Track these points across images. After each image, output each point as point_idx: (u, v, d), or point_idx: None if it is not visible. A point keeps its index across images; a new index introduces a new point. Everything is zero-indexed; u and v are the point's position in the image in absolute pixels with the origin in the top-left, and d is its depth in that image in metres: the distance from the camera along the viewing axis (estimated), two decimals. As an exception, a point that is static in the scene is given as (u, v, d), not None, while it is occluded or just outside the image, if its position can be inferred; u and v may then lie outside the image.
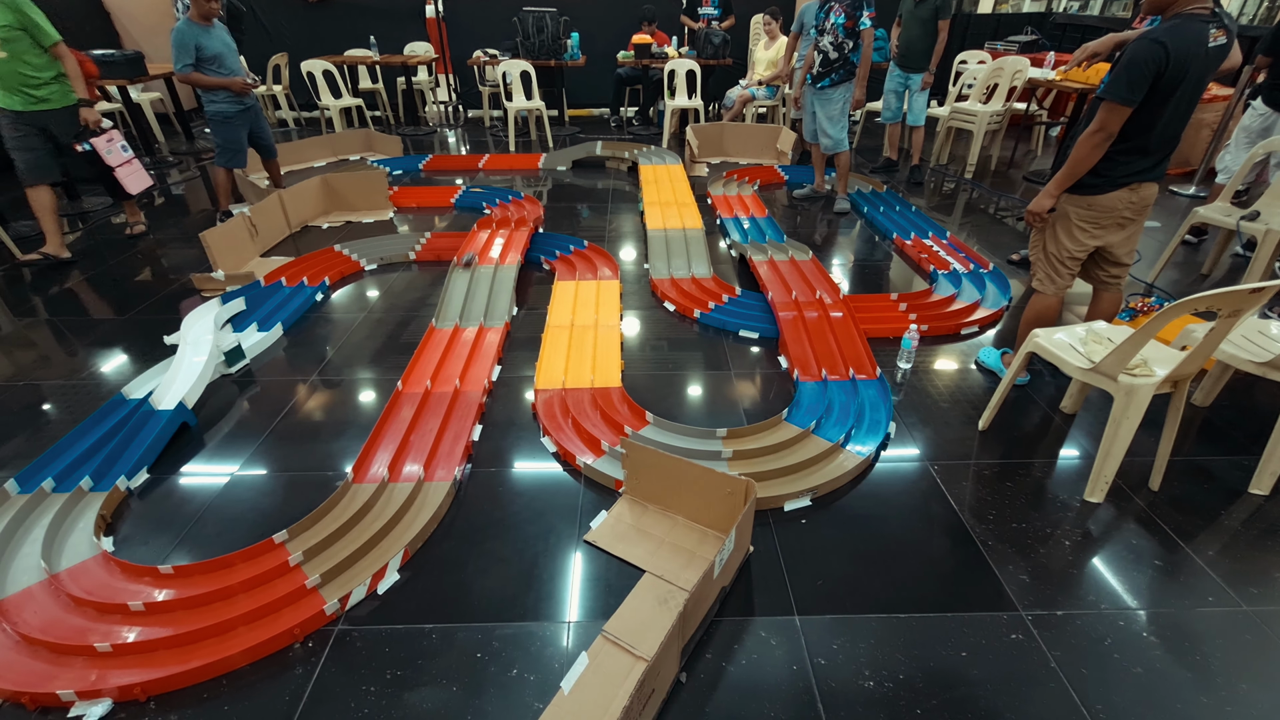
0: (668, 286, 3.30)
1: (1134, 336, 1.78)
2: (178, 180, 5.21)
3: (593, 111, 7.93)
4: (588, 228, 4.24)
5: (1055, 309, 2.37)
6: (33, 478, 1.95)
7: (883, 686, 1.45)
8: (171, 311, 3.08)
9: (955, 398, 2.49)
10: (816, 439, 2.16)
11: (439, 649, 1.53)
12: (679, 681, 1.45)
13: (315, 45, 6.97)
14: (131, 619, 1.54)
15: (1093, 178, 2.09)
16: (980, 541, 1.84)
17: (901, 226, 4.09)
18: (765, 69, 6.24)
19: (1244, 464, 2.12)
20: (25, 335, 2.91)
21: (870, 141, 6.54)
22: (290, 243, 4.01)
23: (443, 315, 2.97)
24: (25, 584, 1.63)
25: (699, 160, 5.63)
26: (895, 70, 5.09)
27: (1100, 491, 1.97)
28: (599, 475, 2.04)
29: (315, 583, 1.61)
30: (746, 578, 1.72)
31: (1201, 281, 3.53)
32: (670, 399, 2.49)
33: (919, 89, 4.97)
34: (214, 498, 1.98)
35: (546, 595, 1.67)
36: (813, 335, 2.76)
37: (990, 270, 3.44)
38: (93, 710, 1.38)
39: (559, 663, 1.49)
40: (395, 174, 5.39)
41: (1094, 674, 1.48)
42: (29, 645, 1.48)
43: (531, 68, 6.20)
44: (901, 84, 5.09)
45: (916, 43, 4.88)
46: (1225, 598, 1.67)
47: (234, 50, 3.87)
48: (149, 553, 1.79)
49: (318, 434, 2.27)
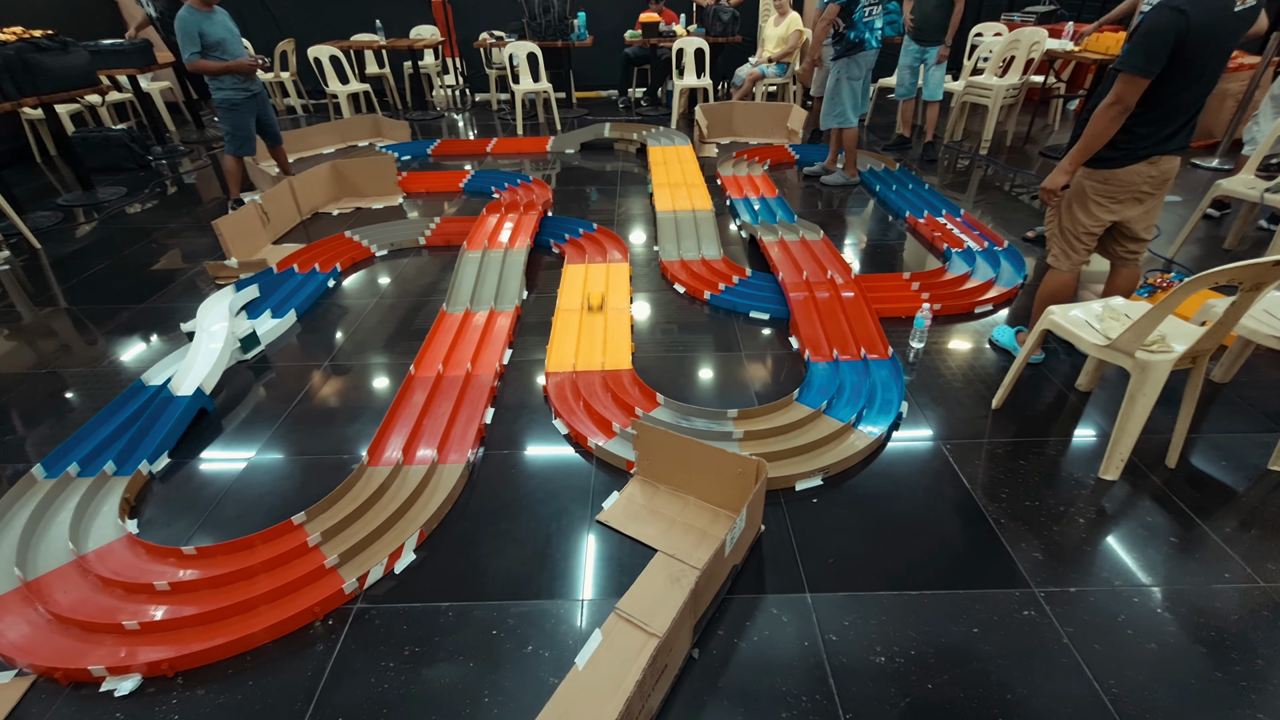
0: (678, 268, 3.28)
1: (1152, 311, 1.75)
2: (189, 169, 5.24)
3: (600, 93, 7.85)
4: (597, 210, 4.22)
5: (1071, 285, 2.34)
6: (58, 463, 2.00)
7: (894, 662, 1.46)
8: (187, 299, 3.12)
9: (968, 377, 2.47)
10: (828, 419, 2.15)
11: (455, 626, 1.56)
12: (691, 658, 1.47)
13: (322, 31, 6.95)
14: (157, 598, 1.58)
15: (1110, 150, 2.04)
16: (993, 520, 1.83)
17: (914, 205, 4.04)
18: (775, 46, 6.13)
19: (1264, 440, 2.09)
20: (46, 324, 2.96)
21: (881, 119, 6.42)
22: (301, 229, 4.04)
23: (454, 300, 2.98)
24: (55, 565, 1.68)
25: (708, 141, 5.57)
26: (910, 44, 4.95)
27: (1116, 469, 1.95)
28: (610, 456, 2.05)
29: (334, 563, 1.65)
30: (758, 556, 1.74)
31: (1223, 256, 3.45)
32: (681, 381, 2.49)
33: (935, 63, 4.85)
34: (233, 481, 2.02)
35: (560, 574, 1.69)
36: (824, 315, 2.74)
37: (1005, 248, 3.39)
38: (123, 685, 1.42)
39: (573, 639, 1.52)
40: (404, 159, 5.38)
41: (1107, 650, 1.48)
42: (60, 624, 1.53)
43: (538, 49, 6.14)
44: (917, 58, 4.96)
45: (932, 15, 4.76)
46: (1242, 574, 1.66)
47: (237, 35, 3.86)
48: (172, 534, 1.84)
49: (333, 418, 2.30)
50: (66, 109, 5.48)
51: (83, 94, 4.37)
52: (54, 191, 4.71)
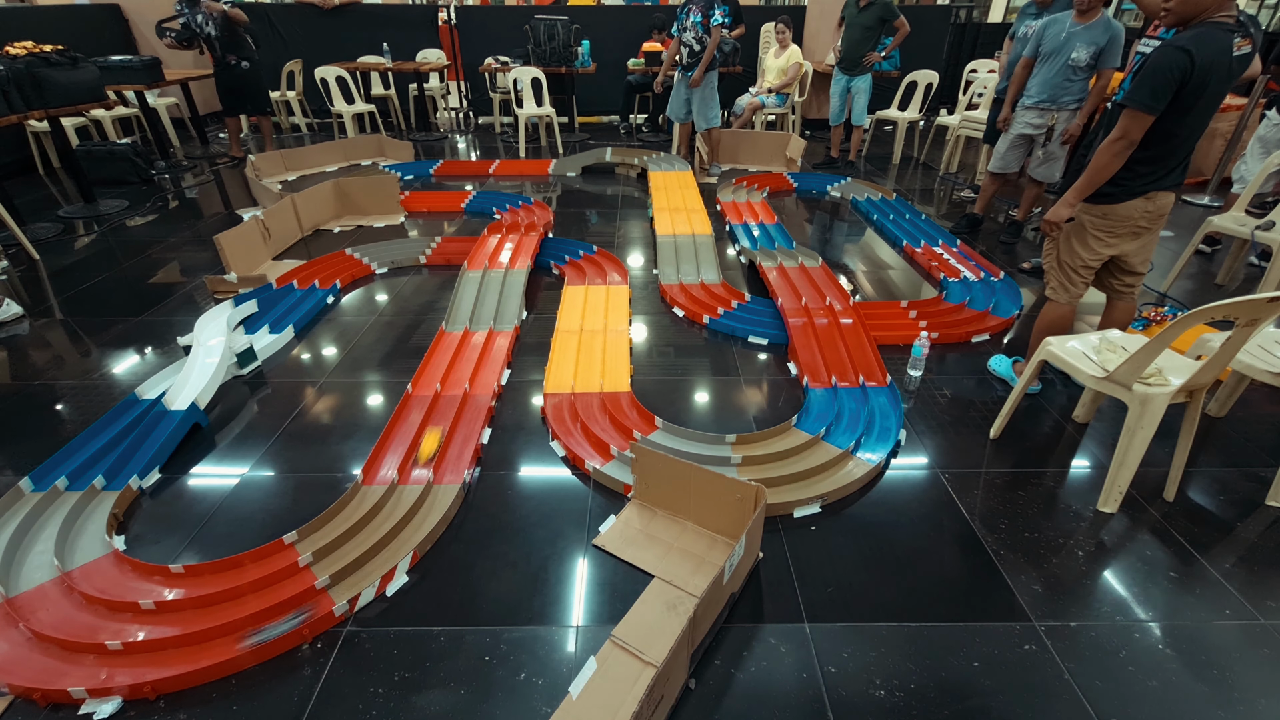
0: (677, 292, 3.30)
1: (1149, 344, 1.76)
2: (191, 184, 5.27)
3: (603, 118, 7.97)
4: (597, 233, 4.26)
5: (1068, 318, 2.36)
6: (46, 476, 1.97)
7: (894, 696, 1.44)
8: (185, 313, 3.11)
9: (966, 406, 2.47)
10: (826, 445, 2.15)
11: (447, 652, 1.52)
12: (688, 688, 1.44)
13: (329, 52, 7.05)
14: (142, 618, 1.55)
15: (1110, 186, 2.07)
16: (992, 550, 1.82)
17: (911, 234, 4.08)
18: (775, 77, 6.25)
19: (1261, 475, 2.09)
20: (40, 335, 2.94)
21: (878, 149, 6.53)
22: (302, 246, 4.04)
23: (453, 319, 2.98)
24: (38, 581, 1.64)
25: (708, 167, 5.65)
26: (838, 74, 5.44)
27: (1114, 502, 1.95)
28: (608, 480, 2.04)
29: (324, 584, 1.61)
30: (756, 584, 1.71)
31: (1215, 291, 3.50)
32: (679, 404, 2.49)
33: (860, 90, 5.40)
34: (225, 498, 1.99)
35: (555, 599, 1.66)
36: (822, 342, 2.75)
37: (1001, 279, 3.43)
38: (103, 708, 1.38)
39: (567, 667, 1.49)
40: (406, 179, 5.43)
41: (1108, 687, 1.46)
42: (41, 642, 1.49)
43: (542, 75, 6.24)
44: (845, 88, 5.46)
45: (856, 49, 5.20)
46: (1243, 611, 1.64)
47: None
48: (160, 552, 1.80)
49: (328, 436, 2.28)
50: (72, 122, 5.52)
51: (88, 108, 4.41)
52: (55, 203, 4.71)
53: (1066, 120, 3.58)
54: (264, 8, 7.00)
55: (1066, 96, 3.51)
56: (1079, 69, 3.40)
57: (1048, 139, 3.70)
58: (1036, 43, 3.53)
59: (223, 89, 5.49)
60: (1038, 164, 3.83)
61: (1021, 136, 3.77)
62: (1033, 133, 3.71)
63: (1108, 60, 3.35)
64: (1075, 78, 3.44)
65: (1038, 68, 3.56)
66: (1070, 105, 3.53)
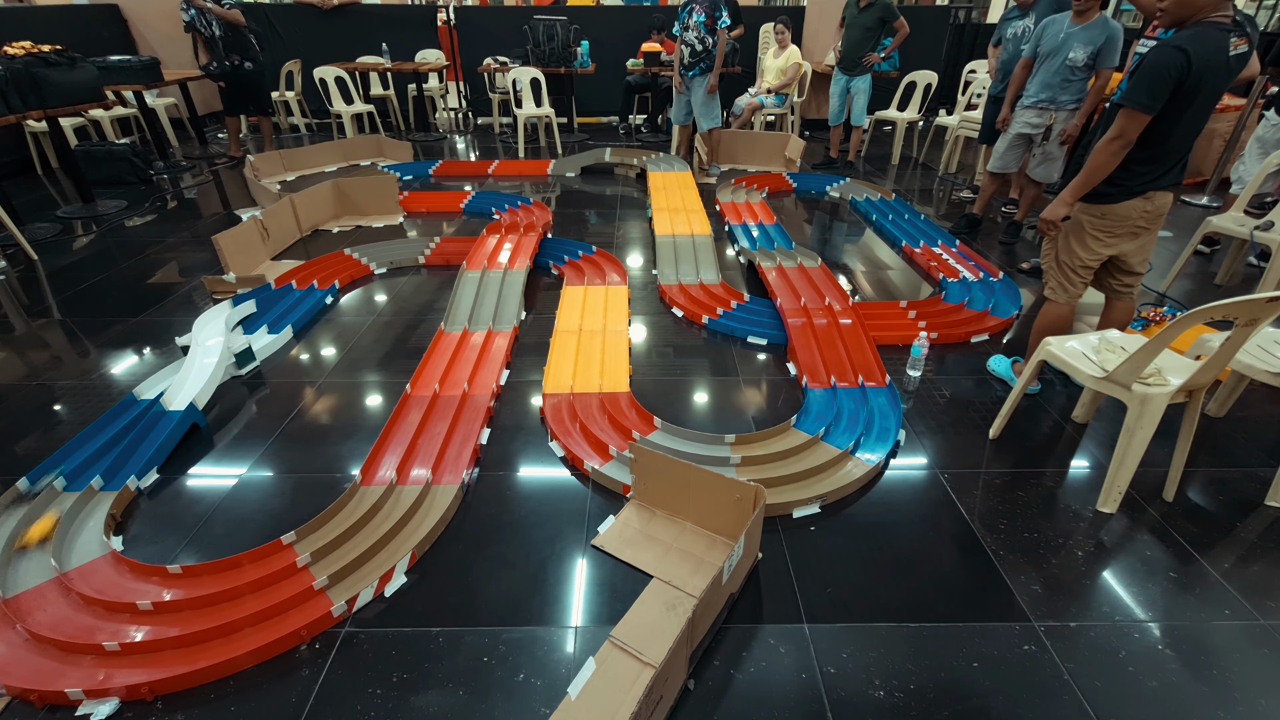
0: (676, 292, 3.29)
1: (1149, 344, 1.76)
2: (190, 184, 5.26)
3: (602, 119, 7.97)
4: (596, 233, 4.25)
5: (1067, 318, 2.36)
6: (44, 476, 1.96)
7: (893, 696, 1.43)
8: (184, 313, 3.10)
9: (965, 406, 2.47)
10: (826, 445, 2.14)
11: (445, 652, 1.52)
12: (687, 689, 1.44)
13: (328, 52, 7.04)
14: (140, 618, 1.54)
15: (1108, 186, 2.08)
16: (991, 551, 1.82)
17: (910, 234, 4.08)
18: (774, 77, 6.25)
19: (1260, 475, 2.09)
20: (39, 335, 2.93)
21: (877, 149, 6.54)
22: (301, 246, 4.04)
23: (451, 319, 2.97)
24: (35, 582, 1.64)
25: (708, 168, 5.65)
26: (838, 75, 5.44)
27: (1113, 502, 1.94)
28: (607, 480, 2.03)
29: (323, 584, 1.61)
30: (755, 585, 1.71)
31: (1214, 291, 3.50)
32: (678, 404, 2.48)
33: (860, 91, 5.42)
34: (223, 498, 1.99)
35: (554, 600, 1.66)
36: (821, 342, 2.75)
37: (1000, 279, 3.43)
38: (100, 709, 1.38)
39: (566, 668, 1.48)
40: (405, 179, 5.42)
41: (1108, 687, 1.46)
42: (38, 643, 1.48)
43: (541, 75, 6.24)
44: (845, 88, 5.46)
45: (856, 50, 5.20)
46: (1242, 611, 1.64)
47: None
48: (158, 552, 1.80)
49: (326, 436, 2.28)
50: (70, 122, 5.51)
51: (87, 108, 4.40)
52: (54, 204, 4.71)
53: (1065, 120, 3.58)
54: (264, 8, 6.99)
55: (1065, 96, 3.51)
56: (1077, 69, 3.40)
57: (1045, 138, 3.70)
58: (1035, 42, 3.54)
59: (225, 88, 5.48)
60: (1036, 164, 3.83)
61: (1021, 136, 3.78)
62: (1031, 132, 3.71)
63: (1106, 60, 3.35)
64: (1074, 78, 3.45)
65: (1036, 67, 3.57)
66: (1069, 105, 3.54)
